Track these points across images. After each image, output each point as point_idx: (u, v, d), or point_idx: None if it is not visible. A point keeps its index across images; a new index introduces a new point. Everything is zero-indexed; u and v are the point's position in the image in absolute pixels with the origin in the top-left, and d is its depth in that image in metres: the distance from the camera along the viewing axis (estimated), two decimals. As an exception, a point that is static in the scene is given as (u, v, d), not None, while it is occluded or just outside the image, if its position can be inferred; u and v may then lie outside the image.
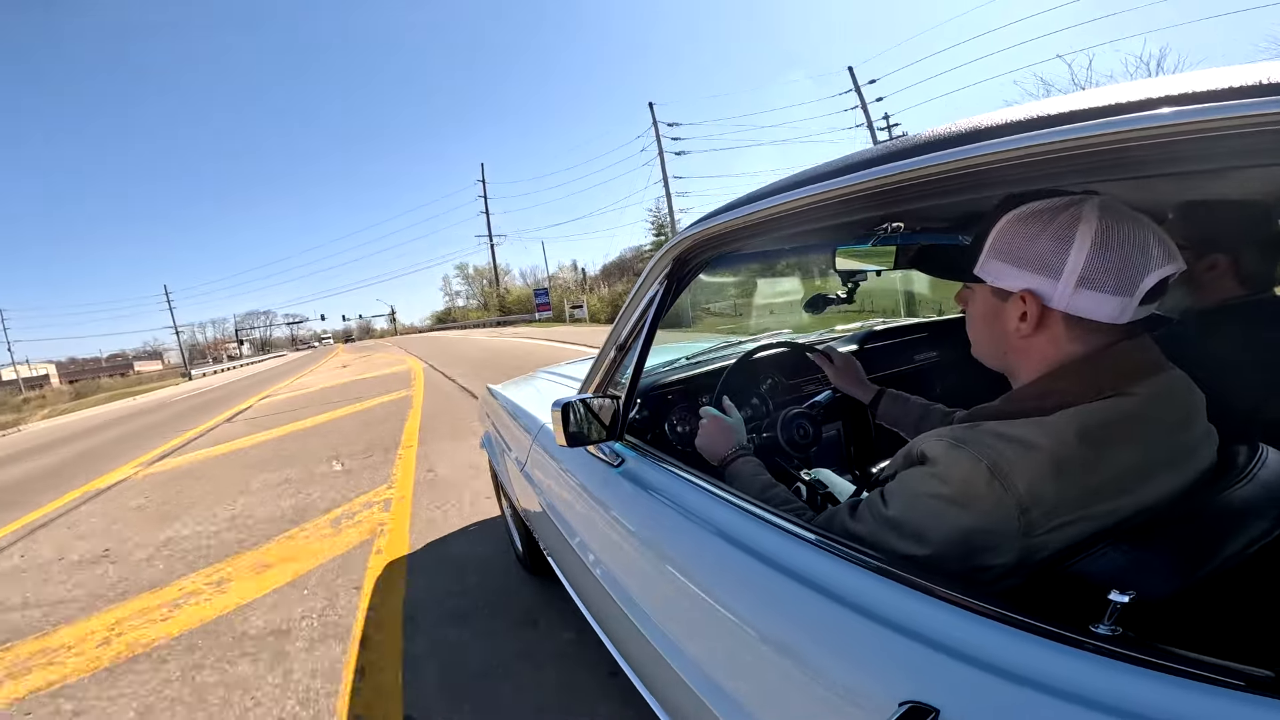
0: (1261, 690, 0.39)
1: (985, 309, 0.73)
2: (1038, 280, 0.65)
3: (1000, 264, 0.68)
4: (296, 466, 4.79)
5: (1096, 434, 0.61)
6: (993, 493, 0.60)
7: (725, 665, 0.78)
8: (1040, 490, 0.59)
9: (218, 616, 2.38)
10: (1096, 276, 0.61)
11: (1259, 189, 0.99)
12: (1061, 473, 0.59)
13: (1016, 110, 0.53)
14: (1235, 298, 1.09)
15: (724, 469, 1.13)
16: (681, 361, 1.84)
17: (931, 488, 0.65)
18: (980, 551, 0.62)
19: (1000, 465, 0.61)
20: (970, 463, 0.62)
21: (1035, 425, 0.63)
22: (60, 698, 1.96)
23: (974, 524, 0.61)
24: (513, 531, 2.42)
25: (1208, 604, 0.55)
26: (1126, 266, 0.60)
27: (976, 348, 0.78)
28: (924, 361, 2.02)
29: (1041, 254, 0.64)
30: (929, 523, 0.64)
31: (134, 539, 3.55)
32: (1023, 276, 0.66)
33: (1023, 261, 0.66)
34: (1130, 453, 0.62)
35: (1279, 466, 0.67)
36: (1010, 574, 0.62)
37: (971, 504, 0.61)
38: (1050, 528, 0.60)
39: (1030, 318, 0.66)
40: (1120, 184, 0.82)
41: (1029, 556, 0.61)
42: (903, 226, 1.30)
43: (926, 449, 0.68)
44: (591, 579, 1.27)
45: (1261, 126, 0.40)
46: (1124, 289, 0.61)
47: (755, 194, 0.86)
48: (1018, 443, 0.62)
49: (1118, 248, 0.60)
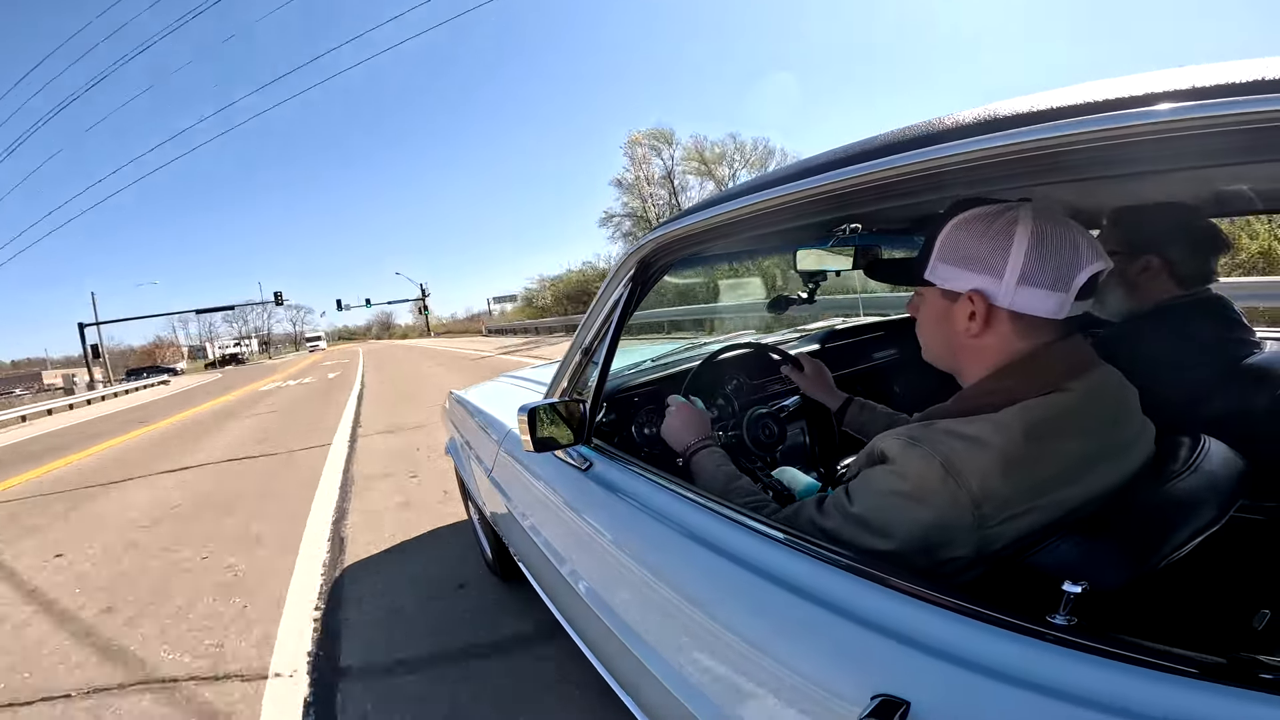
0: (1215, 677, 0.41)
1: (935, 312, 0.76)
2: (983, 280, 0.68)
3: (948, 267, 0.72)
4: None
5: (1040, 428, 0.64)
6: (947, 488, 0.63)
7: (698, 663, 0.78)
8: (991, 484, 0.62)
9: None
10: (1035, 274, 0.65)
11: (1185, 191, 1.03)
12: (1010, 466, 0.63)
13: (969, 114, 0.55)
14: (1173, 298, 1.12)
15: (689, 459, 1.13)
16: (647, 364, 1.84)
17: (891, 484, 0.68)
18: (940, 545, 0.64)
19: (953, 461, 0.64)
20: (924, 460, 0.65)
21: (985, 422, 0.66)
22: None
23: (932, 518, 0.64)
24: (481, 537, 2.39)
25: (1161, 592, 0.58)
26: (1061, 264, 0.65)
27: (927, 350, 0.81)
28: (884, 360, 2.07)
29: (984, 255, 0.68)
30: (891, 518, 0.67)
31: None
32: (969, 277, 0.69)
33: (968, 263, 0.69)
34: (1071, 445, 0.65)
35: (1221, 457, 0.70)
36: (970, 566, 0.64)
37: (928, 499, 0.64)
38: (1003, 519, 0.63)
39: (978, 316, 0.69)
40: (1056, 188, 0.86)
41: (985, 547, 0.63)
42: (860, 228, 1.33)
43: (885, 448, 0.71)
44: (563, 582, 1.26)
45: (1189, 130, 0.42)
46: (1060, 285, 0.65)
47: (718, 197, 0.87)
48: (968, 439, 0.65)
49: (1052, 247, 0.65)
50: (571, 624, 1.35)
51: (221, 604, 2.47)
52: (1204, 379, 0.99)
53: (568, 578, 1.23)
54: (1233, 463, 0.71)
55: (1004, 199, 0.71)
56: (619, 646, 0.98)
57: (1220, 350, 1.04)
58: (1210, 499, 0.65)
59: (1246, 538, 0.66)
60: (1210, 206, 1.10)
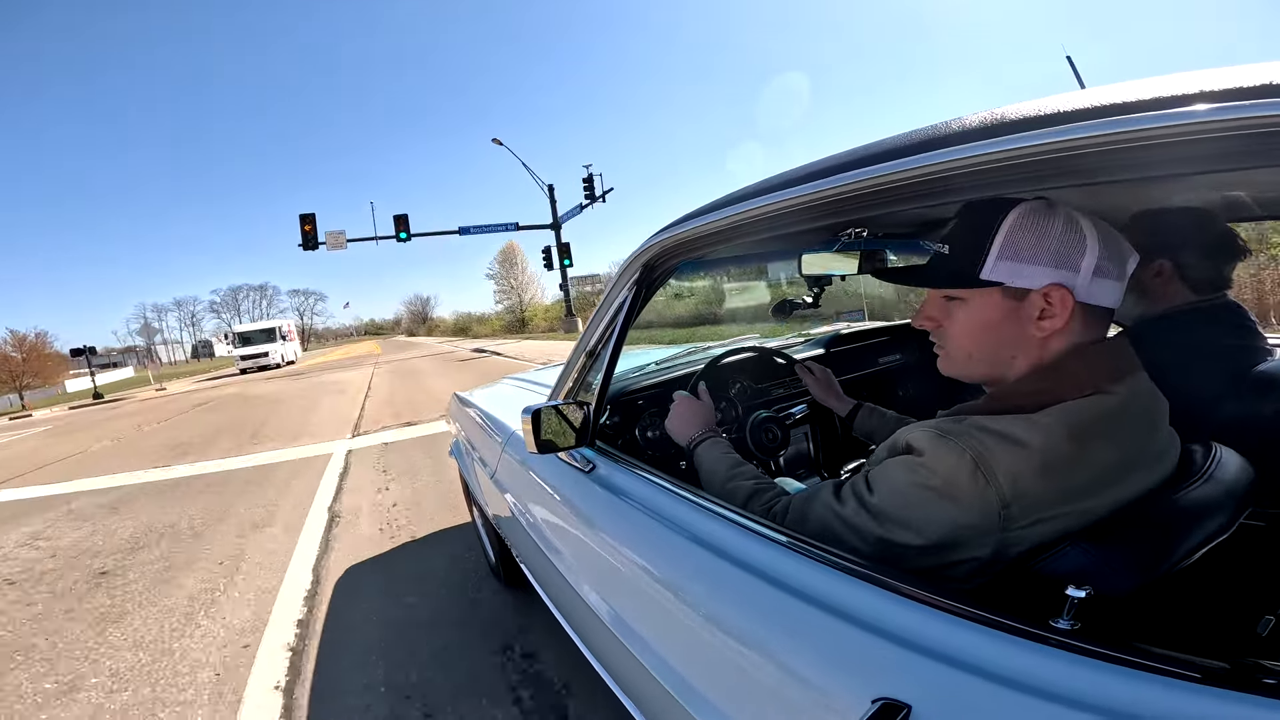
0: (1217, 682, 0.40)
1: (989, 315, 0.70)
2: (1062, 274, 0.65)
3: (1015, 264, 0.66)
4: None
5: (1082, 431, 0.62)
6: (976, 485, 0.61)
7: (700, 667, 0.78)
8: (1022, 485, 0.60)
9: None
10: (1105, 265, 0.65)
11: (1201, 195, 1.02)
12: (1046, 468, 0.60)
13: (976, 117, 0.55)
14: (1186, 303, 1.11)
15: (692, 451, 1.12)
16: (651, 367, 1.85)
17: (917, 477, 0.65)
18: (958, 544, 0.62)
19: (985, 458, 0.61)
20: (955, 455, 0.62)
21: (1021, 421, 0.63)
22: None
23: (955, 515, 0.62)
24: (484, 540, 2.39)
25: (1165, 597, 0.57)
26: (1119, 253, 0.65)
27: (956, 358, 0.75)
28: (889, 364, 2.06)
29: (1059, 249, 0.65)
30: (912, 511, 0.65)
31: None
32: (1045, 273, 0.65)
33: (1043, 258, 0.65)
34: (1110, 451, 0.63)
35: (1234, 465, 0.70)
36: (984, 568, 0.63)
37: (955, 495, 0.62)
38: (1029, 522, 0.61)
39: (1059, 312, 0.65)
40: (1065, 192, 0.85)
41: (1004, 551, 0.61)
42: (866, 232, 1.33)
43: (912, 439, 0.68)
44: (566, 585, 1.26)
45: (1206, 134, 0.41)
46: (1121, 274, 0.66)
47: (724, 200, 0.87)
48: (1003, 437, 0.62)
49: (1111, 237, 0.65)
50: (573, 627, 1.35)
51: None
52: (1214, 385, 0.98)
53: (570, 580, 1.23)
54: (1244, 471, 0.70)
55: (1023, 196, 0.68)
56: (621, 650, 0.98)
57: (1231, 357, 1.03)
58: (1222, 507, 0.64)
59: (1252, 544, 0.65)
60: (1227, 211, 1.10)
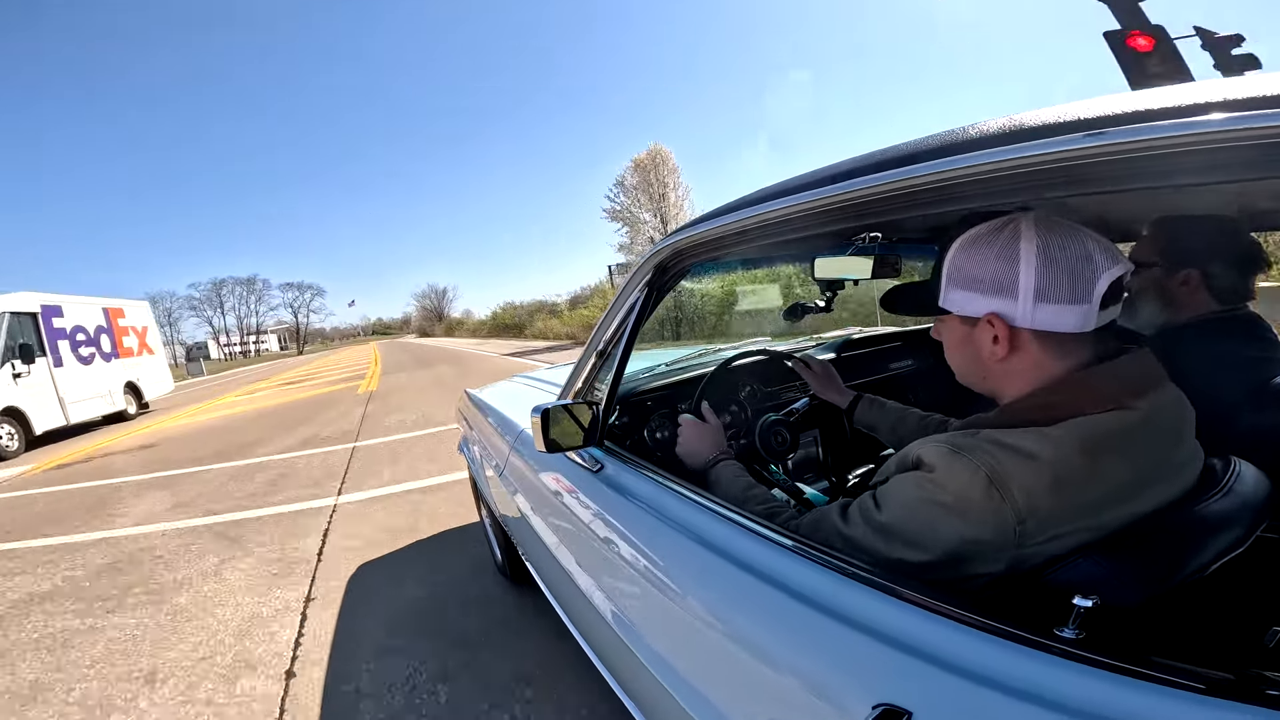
0: (1222, 693, 0.40)
1: (958, 337, 0.73)
2: (998, 302, 0.65)
3: (961, 292, 0.69)
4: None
5: (1098, 446, 0.60)
6: (991, 502, 0.59)
7: (704, 669, 0.78)
8: (1038, 501, 0.59)
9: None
10: (1049, 289, 0.62)
11: (1229, 204, 1.00)
12: (1061, 483, 0.59)
13: (993, 123, 0.54)
14: (1210, 313, 1.10)
15: (707, 473, 1.14)
16: (661, 368, 1.85)
17: (927, 494, 0.64)
18: (971, 560, 0.61)
19: (999, 474, 0.60)
20: (969, 471, 0.61)
21: (1036, 435, 0.62)
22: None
23: (969, 532, 0.60)
24: (491, 539, 2.40)
25: (1172, 608, 0.57)
26: (1076, 275, 0.61)
27: (959, 375, 0.77)
28: (900, 369, 2.05)
29: (994, 276, 0.65)
30: (923, 529, 0.63)
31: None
32: (983, 301, 0.67)
33: (979, 286, 0.66)
34: (1127, 466, 0.61)
35: (1253, 479, 0.69)
36: (995, 583, 0.61)
37: (968, 512, 0.60)
38: (1045, 538, 0.59)
39: (1001, 339, 0.66)
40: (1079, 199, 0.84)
41: (1018, 566, 0.60)
42: (880, 237, 1.33)
43: (923, 454, 0.67)
44: (571, 585, 1.27)
45: (1232, 142, 0.41)
46: (1080, 297, 0.61)
47: (736, 203, 0.87)
48: (1018, 452, 0.61)
49: (1062, 258, 0.61)
50: (577, 627, 1.35)
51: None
52: (1234, 396, 0.97)
53: (575, 580, 1.24)
54: (1262, 485, 0.69)
55: (1003, 211, 0.67)
56: (624, 650, 0.98)
57: (1252, 368, 1.02)
58: (1238, 521, 0.63)
59: (1264, 556, 0.64)
60: (1249, 221, 1.08)
